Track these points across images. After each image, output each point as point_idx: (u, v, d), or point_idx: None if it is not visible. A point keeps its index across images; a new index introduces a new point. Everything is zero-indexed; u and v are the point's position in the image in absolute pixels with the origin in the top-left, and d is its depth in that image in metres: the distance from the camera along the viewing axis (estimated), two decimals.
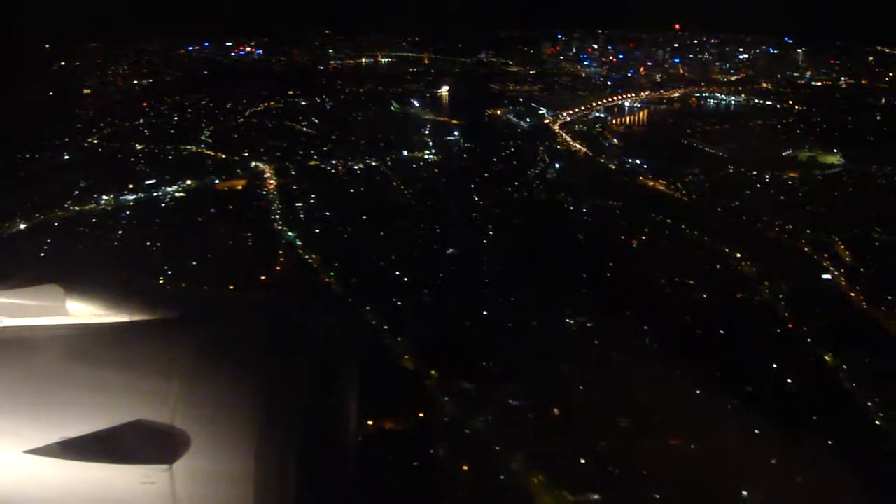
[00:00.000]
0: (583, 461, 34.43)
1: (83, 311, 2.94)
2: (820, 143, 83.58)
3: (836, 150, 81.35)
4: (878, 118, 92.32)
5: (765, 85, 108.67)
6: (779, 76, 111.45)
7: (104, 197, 67.98)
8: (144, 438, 2.57)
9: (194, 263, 51.41)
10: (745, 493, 33.37)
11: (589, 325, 45.84)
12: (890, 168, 75.96)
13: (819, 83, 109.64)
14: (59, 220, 63.54)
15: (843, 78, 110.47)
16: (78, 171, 73.37)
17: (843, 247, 59.15)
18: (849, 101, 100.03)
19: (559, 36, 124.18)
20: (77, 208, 66.43)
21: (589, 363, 41.07)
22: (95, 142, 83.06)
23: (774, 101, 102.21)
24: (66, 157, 78.50)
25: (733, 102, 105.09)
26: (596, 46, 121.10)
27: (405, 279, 51.87)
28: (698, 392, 39.08)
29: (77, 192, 68.85)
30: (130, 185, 70.51)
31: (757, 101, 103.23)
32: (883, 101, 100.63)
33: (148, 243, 58.76)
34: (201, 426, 2.60)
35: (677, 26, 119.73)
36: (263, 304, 3.48)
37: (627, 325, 45.89)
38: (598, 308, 47.58)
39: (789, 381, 42.22)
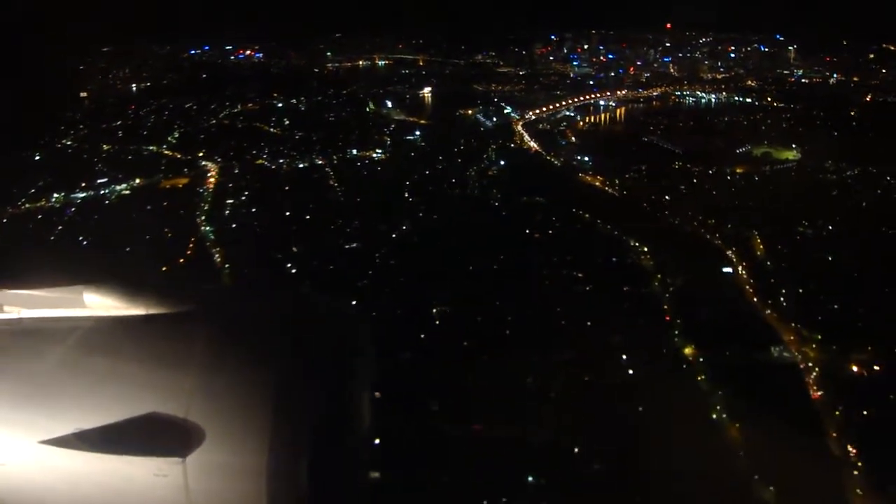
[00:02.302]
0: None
1: (100, 305, 2.98)
2: (780, 139, 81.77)
3: (794, 146, 79.49)
4: (852, 114, 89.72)
5: (750, 83, 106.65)
6: (768, 74, 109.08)
7: (55, 195, 70.62)
8: (159, 431, 2.59)
9: (110, 255, 52.93)
10: None
11: (446, 311, 46.13)
12: (844, 164, 73.84)
13: (807, 81, 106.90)
14: (8, 217, 66.09)
15: (835, 75, 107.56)
16: (42, 170, 76.37)
17: (759, 241, 57.95)
18: (831, 98, 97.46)
19: (552, 37, 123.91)
20: (28, 206, 69.18)
21: (419, 350, 41.42)
22: (69, 143, 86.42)
23: (754, 98, 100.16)
24: (37, 157, 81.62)
25: (712, 100, 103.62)
26: (586, 46, 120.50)
27: (293, 272, 52.81)
28: (520, 381, 39.13)
29: (33, 191, 71.67)
30: (83, 184, 73.04)
31: (737, 98, 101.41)
32: (868, 97, 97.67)
33: (81, 237, 60.82)
34: (215, 420, 2.60)
35: (669, 25, 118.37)
36: (280, 298, 3.53)
37: (484, 315, 46.10)
38: (467, 298, 47.84)
39: (631, 371, 41.55)
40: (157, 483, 2.57)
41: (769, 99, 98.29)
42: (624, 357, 43.13)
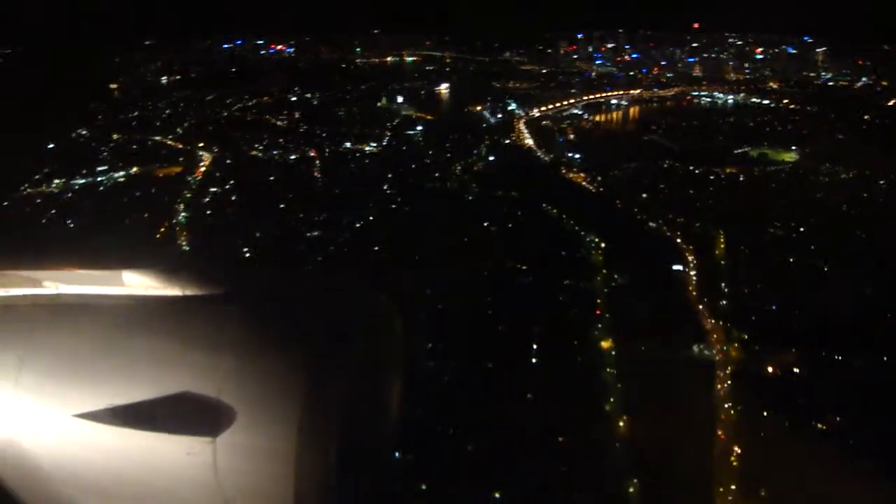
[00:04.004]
0: None
1: (138, 283, 3.03)
2: (782, 141, 79.76)
3: (794, 148, 77.47)
4: (866, 118, 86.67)
5: (772, 84, 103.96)
6: (793, 77, 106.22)
7: (56, 181, 73.83)
8: (191, 410, 2.63)
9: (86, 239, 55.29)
10: None
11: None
12: (840, 167, 71.72)
13: (833, 84, 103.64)
14: (9, 201, 69.48)
15: (863, 79, 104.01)
16: (52, 157, 79.90)
17: (721, 241, 56.92)
18: (850, 101, 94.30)
19: (579, 35, 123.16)
20: (29, 191, 72.52)
21: None
22: (84, 132, 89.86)
23: (772, 100, 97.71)
24: (51, 145, 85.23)
25: (728, 101, 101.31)
26: (612, 46, 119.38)
27: (253, 256, 54.27)
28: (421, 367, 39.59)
29: (37, 177, 75.02)
30: (84, 171, 76.14)
31: (754, 100, 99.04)
32: (892, 102, 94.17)
33: (69, 221, 63.57)
34: (247, 401, 2.62)
35: (696, 25, 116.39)
36: (319, 282, 3.55)
37: (412, 303, 46.49)
38: (407, 286, 48.32)
39: (534, 360, 41.58)
40: (188, 461, 2.62)
41: (786, 101, 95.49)
42: (535, 347, 42.93)
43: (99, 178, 75.56)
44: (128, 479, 2.77)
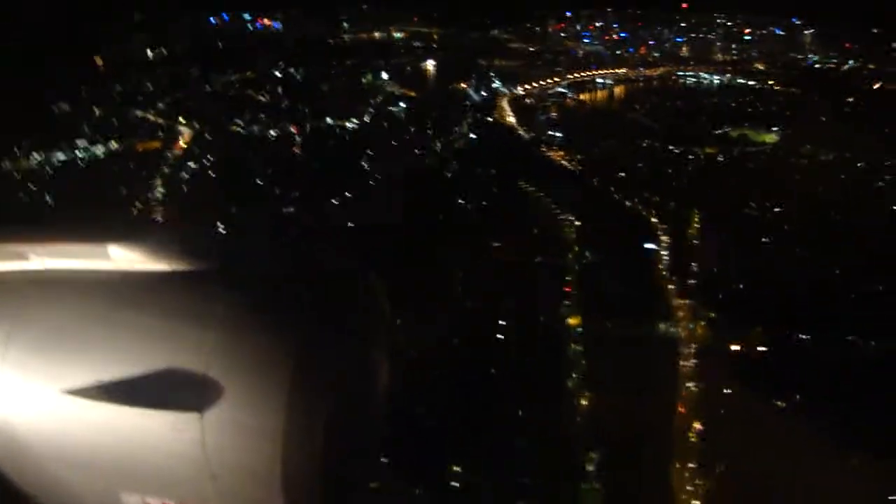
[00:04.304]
0: None
1: (125, 258, 2.93)
2: (764, 121, 79.69)
3: (775, 129, 77.41)
4: (850, 100, 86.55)
5: (758, 66, 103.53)
6: (779, 58, 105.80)
7: (35, 155, 73.42)
8: (177, 385, 2.58)
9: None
10: None
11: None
12: (821, 148, 71.72)
13: (819, 66, 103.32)
14: None
15: (850, 62, 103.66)
16: (33, 127, 79.28)
17: (695, 220, 57.01)
18: (836, 83, 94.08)
19: (567, 13, 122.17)
20: (8, 164, 72.14)
21: None
22: (65, 106, 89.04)
23: (757, 81, 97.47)
24: (30, 116, 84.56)
25: (714, 81, 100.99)
26: (600, 24, 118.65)
27: (228, 231, 53.97)
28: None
29: (17, 148, 74.58)
30: (63, 144, 75.72)
31: (739, 80, 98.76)
32: (877, 85, 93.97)
33: (46, 195, 63.39)
34: (235, 377, 2.55)
35: (685, 5, 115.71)
36: (310, 256, 3.37)
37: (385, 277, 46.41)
38: (369, 258, 48.21)
39: (500, 336, 41.71)
40: (175, 437, 2.60)
41: (771, 82, 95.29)
42: (502, 323, 43.09)
43: (78, 153, 75.11)
44: (115, 455, 2.74)
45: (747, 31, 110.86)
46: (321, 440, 2.66)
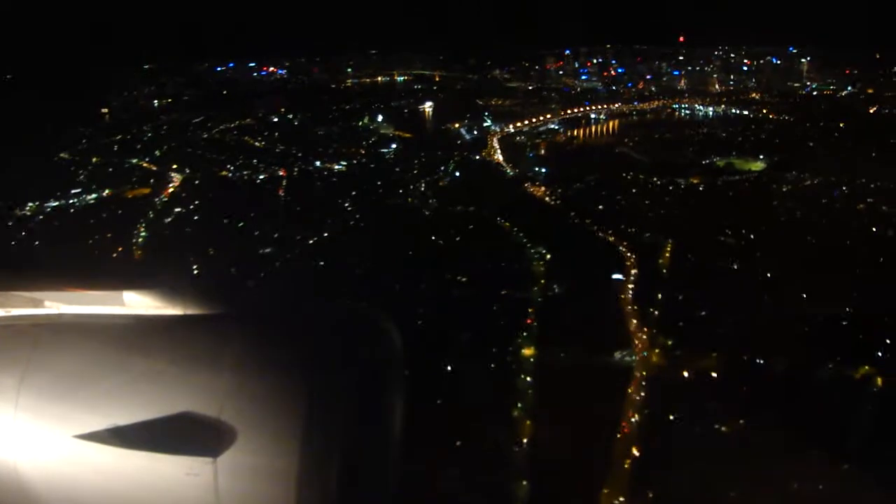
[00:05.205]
0: None
1: (139, 303, 3.01)
2: (752, 150, 79.47)
3: (762, 157, 77.15)
4: (842, 126, 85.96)
5: (754, 95, 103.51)
6: (776, 87, 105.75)
7: (29, 203, 75.37)
8: (191, 430, 2.63)
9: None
10: None
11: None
12: (805, 174, 71.30)
13: (817, 93, 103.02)
14: None
15: (848, 87, 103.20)
16: (30, 178, 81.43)
17: (667, 250, 56.82)
18: (831, 109, 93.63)
19: (566, 52, 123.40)
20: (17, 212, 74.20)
21: None
22: (66, 156, 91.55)
23: (752, 111, 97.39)
24: (32, 167, 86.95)
25: (709, 113, 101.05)
26: (596, 61, 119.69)
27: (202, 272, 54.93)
28: None
29: (11, 201, 76.55)
30: (58, 193, 77.75)
31: (734, 111, 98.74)
32: (872, 110, 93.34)
33: (37, 242, 65.01)
34: (248, 421, 2.61)
35: (682, 38, 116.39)
36: (320, 305, 3.47)
37: None
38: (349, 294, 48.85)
39: (449, 368, 41.77)
40: (188, 482, 2.60)
41: (765, 111, 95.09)
42: (458, 353, 43.20)
43: (72, 201, 76.97)
44: (128, 501, 2.73)
45: (745, 61, 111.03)
46: (335, 483, 2.65)
